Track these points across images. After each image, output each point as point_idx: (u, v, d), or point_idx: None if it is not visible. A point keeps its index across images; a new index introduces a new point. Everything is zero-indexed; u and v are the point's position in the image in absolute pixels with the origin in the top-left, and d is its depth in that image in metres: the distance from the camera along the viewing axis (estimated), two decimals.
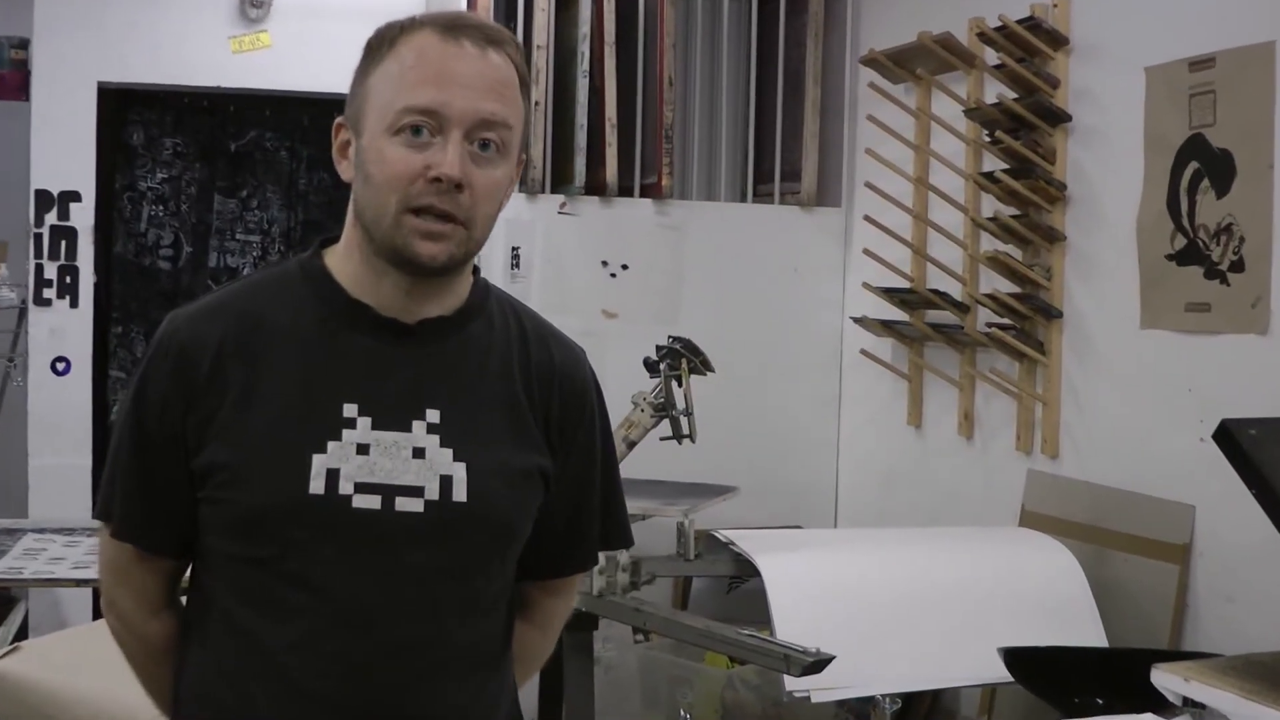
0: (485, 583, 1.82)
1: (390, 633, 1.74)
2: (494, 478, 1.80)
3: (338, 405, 1.76)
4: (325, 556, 1.73)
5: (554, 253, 4.87)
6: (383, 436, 1.76)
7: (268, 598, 1.74)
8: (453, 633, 1.79)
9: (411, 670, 1.75)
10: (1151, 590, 3.63)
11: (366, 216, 1.76)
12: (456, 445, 1.78)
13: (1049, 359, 4.12)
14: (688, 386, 3.77)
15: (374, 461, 1.74)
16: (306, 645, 1.73)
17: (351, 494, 1.73)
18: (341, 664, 1.73)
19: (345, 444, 1.74)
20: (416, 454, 1.76)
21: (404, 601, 1.75)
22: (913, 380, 4.76)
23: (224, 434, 1.74)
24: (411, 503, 1.75)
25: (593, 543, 1.99)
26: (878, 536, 4.10)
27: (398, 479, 1.75)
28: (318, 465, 1.72)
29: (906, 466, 4.81)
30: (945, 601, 3.48)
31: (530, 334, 1.90)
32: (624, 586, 3.40)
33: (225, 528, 1.75)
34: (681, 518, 3.75)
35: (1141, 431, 3.80)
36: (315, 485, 1.72)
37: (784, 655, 2.96)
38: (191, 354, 1.76)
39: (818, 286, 5.14)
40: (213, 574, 1.79)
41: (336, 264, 1.83)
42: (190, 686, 1.81)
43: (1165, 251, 3.71)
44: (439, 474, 1.76)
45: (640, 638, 4.50)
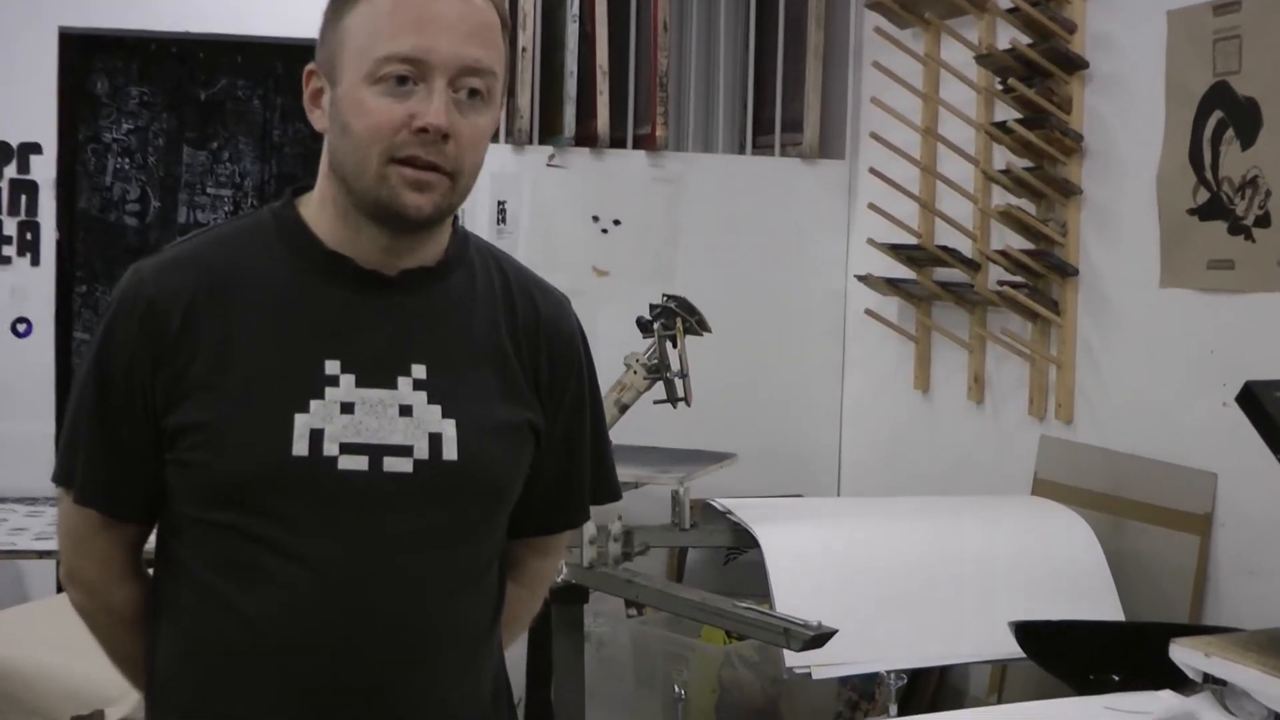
0: (476, 547, 1.83)
1: (378, 603, 1.74)
2: (485, 434, 1.80)
3: (319, 361, 1.75)
4: (309, 523, 1.72)
5: (542, 207, 4.86)
6: (367, 394, 1.76)
7: (246, 567, 1.73)
8: (444, 601, 1.79)
9: (401, 642, 1.75)
10: (1170, 562, 3.64)
11: (346, 169, 1.75)
12: (445, 401, 1.78)
13: (1064, 319, 4.11)
14: (683, 347, 3.76)
15: (359, 420, 1.74)
16: (289, 617, 1.72)
17: (337, 455, 1.73)
18: (327, 636, 1.73)
19: (328, 402, 1.74)
20: (403, 411, 1.76)
21: (393, 569, 1.75)
22: (920, 342, 4.76)
23: (197, 393, 1.73)
24: (400, 463, 1.75)
25: (584, 498, 2.01)
26: (883, 506, 4.09)
27: (385, 438, 1.75)
28: (300, 425, 1.72)
29: (913, 432, 4.81)
30: (953, 574, 3.48)
31: (514, 283, 1.91)
32: (616, 558, 3.40)
33: (199, 492, 1.74)
34: (676, 486, 3.75)
35: (1161, 395, 3.80)
36: (299, 446, 1.72)
37: (784, 629, 2.96)
38: (160, 307, 1.75)
39: (820, 243, 5.14)
40: (184, 542, 1.78)
41: (311, 214, 1.82)
42: (164, 661, 1.81)
43: (1187, 206, 3.70)
44: (428, 432, 1.76)
45: (633, 612, 4.50)
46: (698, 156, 5.16)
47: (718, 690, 4.09)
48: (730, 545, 3.75)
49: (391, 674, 1.75)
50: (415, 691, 1.77)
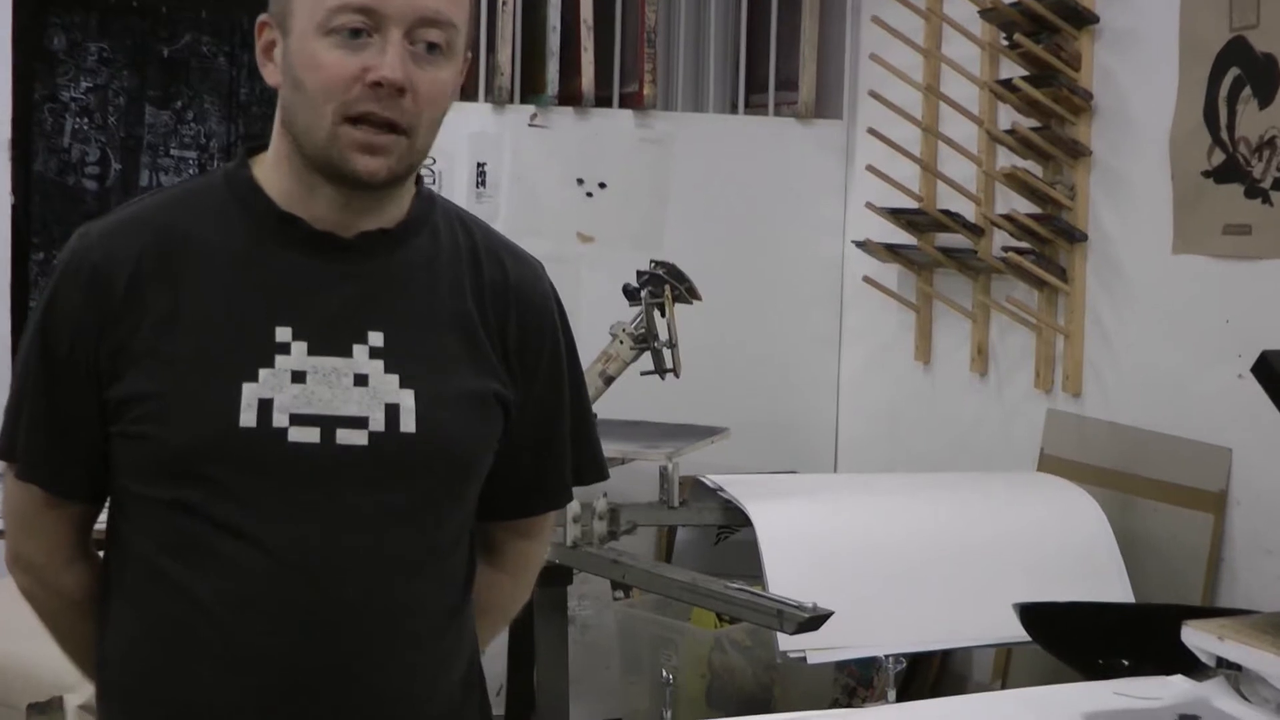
0: (439, 525, 1.82)
1: (333, 584, 1.73)
2: (446, 406, 1.79)
3: (269, 329, 1.74)
4: (258, 499, 1.71)
5: (524, 170, 4.84)
6: (320, 363, 1.75)
7: (196, 548, 1.72)
8: (405, 582, 1.78)
9: (358, 625, 1.75)
10: (1183, 541, 3.64)
11: (297, 126, 1.74)
12: (403, 371, 1.77)
13: (1072, 287, 4.11)
14: (671, 316, 3.76)
15: (311, 390, 1.73)
16: (242, 601, 1.72)
17: (286, 426, 1.72)
18: (281, 620, 1.72)
19: (278, 371, 1.73)
20: (358, 381, 1.75)
21: (349, 548, 1.74)
22: (921, 311, 4.76)
23: (142, 362, 1.73)
24: (354, 435, 1.74)
25: (565, 477, 1.99)
26: (881, 483, 4.10)
27: (338, 409, 1.74)
28: (248, 395, 1.71)
29: (913, 406, 4.81)
30: (956, 554, 3.48)
31: (481, 247, 1.89)
32: (601, 536, 3.39)
33: (145, 467, 1.74)
34: (665, 462, 3.75)
35: (1173, 367, 3.80)
36: (246, 417, 1.71)
37: (777, 611, 2.96)
38: (105, 273, 1.74)
39: (816, 207, 5.13)
40: (132, 522, 1.77)
41: (265, 174, 1.81)
42: (115, 647, 1.80)
43: (1201, 168, 3.70)
44: (384, 403, 1.75)
45: (619, 594, 4.50)
46: (687, 116, 5.14)
47: (708, 676, 4.09)
48: (721, 524, 3.75)
49: (349, 659, 1.75)
50: (375, 676, 1.76)
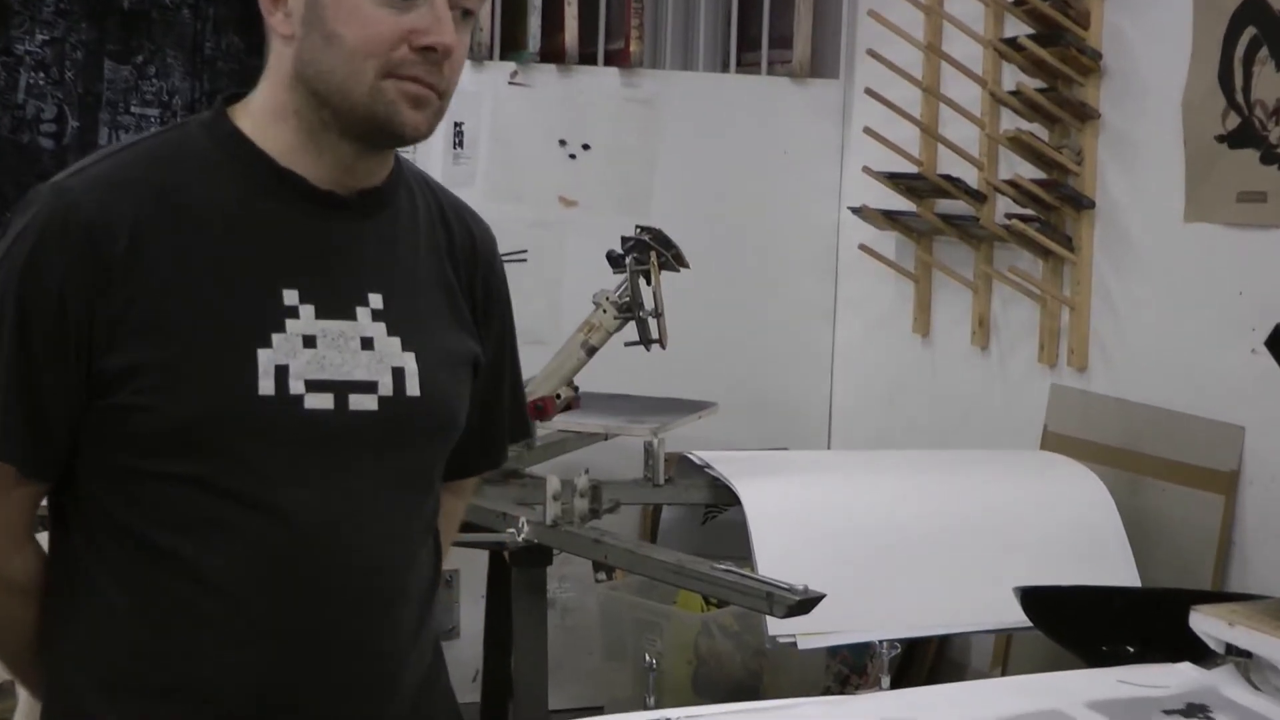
0: (429, 489, 1.88)
1: (349, 552, 1.77)
2: (440, 368, 1.84)
3: (276, 291, 1.76)
4: (276, 469, 1.73)
5: (503, 130, 4.83)
6: (329, 326, 1.77)
7: (206, 522, 1.73)
8: (407, 547, 1.84)
9: (372, 592, 1.79)
10: (1192, 523, 3.65)
11: (329, 81, 1.75)
12: (403, 333, 1.82)
13: (1078, 256, 4.11)
14: (657, 284, 3.76)
15: (322, 355, 1.76)
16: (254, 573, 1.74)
17: (303, 394, 1.74)
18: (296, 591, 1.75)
19: (290, 336, 1.75)
20: (365, 345, 1.79)
21: (362, 515, 1.78)
22: (920, 281, 4.76)
23: (144, 329, 1.72)
24: (365, 400, 1.78)
25: (504, 437, 2.08)
26: (877, 461, 4.11)
27: (349, 374, 1.77)
28: (265, 361, 1.73)
29: (911, 381, 4.82)
30: (954, 535, 3.49)
31: (447, 207, 1.95)
32: (582, 515, 3.39)
33: (148, 441, 1.73)
34: (650, 437, 3.76)
35: (1184, 340, 3.80)
36: (265, 385, 1.73)
37: (766, 594, 2.96)
38: (101, 233, 1.72)
39: (811, 171, 5.13)
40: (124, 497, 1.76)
41: (254, 127, 1.81)
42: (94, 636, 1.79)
43: (1215, 132, 3.70)
44: (390, 366, 1.80)
45: (601, 576, 4.51)
46: (676, 75, 5.13)
47: (694, 662, 4.10)
48: (709, 503, 3.76)
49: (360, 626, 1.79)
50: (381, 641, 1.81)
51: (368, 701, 1.81)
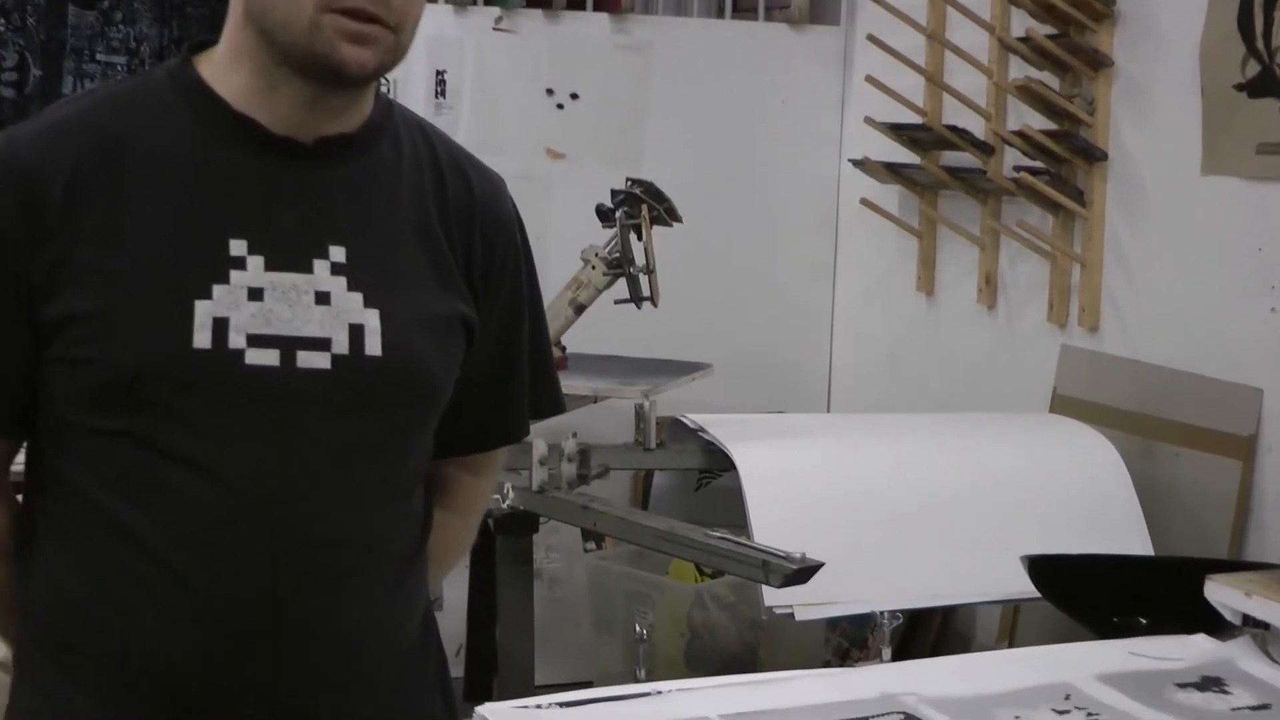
0: (404, 457, 1.84)
1: (294, 519, 1.74)
2: (413, 328, 1.80)
3: (222, 241, 1.74)
4: (214, 427, 1.72)
5: (488, 79, 4.82)
6: (279, 279, 1.75)
7: (142, 481, 1.73)
8: (368, 519, 1.80)
9: (319, 564, 1.76)
10: (1208, 490, 3.66)
11: (272, 17, 1.73)
12: (367, 289, 1.78)
13: (1090, 211, 4.11)
14: (649, 239, 3.76)
15: (269, 309, 1.74)
16: (192, 538, 1.72)
17: (244, 348, 1.72)
18: (235, 559, 1.73)
19: (234, 288, 1.73)
20: (320, 299, 1.76)
21: (310, 480, 1.75)
22: (924, 237, 4.75)
23: (83, 278, 1.72)
24: (316, 358, 1.75)
25: (522, 409, 2.03)
26: (878, 424, 4.11)
27: (299, 330, 1.74)
28: (202, 314, 1.71)
29: (914, 341, 4.83)
30: (959, 502, 3.49)
31: (443, 159, 1.90)
32: (570, 480, 3.39)
33: (86, 394, 1.73)
34: (641, 399, 3.75)
35: (1200, 299, 3.80)
36: (200, 338, 1.71)
37: (762, 562, 2.96)
38: (39, 181, 1.73)
39: (810, 122, 5.13)
40: (69, 455, 1.77)
41: (214, 73, 1.80)
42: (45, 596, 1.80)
43: (1234, 80, 3.69)
44: (348, 323, 1.76)
45: (590, 545, 4.51)
46: (669, 20, 5.13)
47: (687, 635, 4.11)
48: (702, 468, 3.75)
49: (307, 601, 1.76)
50: (335, 619, 1.78)
51: (329, 684, 1.79)
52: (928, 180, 4.63)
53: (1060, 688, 2.21)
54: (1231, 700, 2.22)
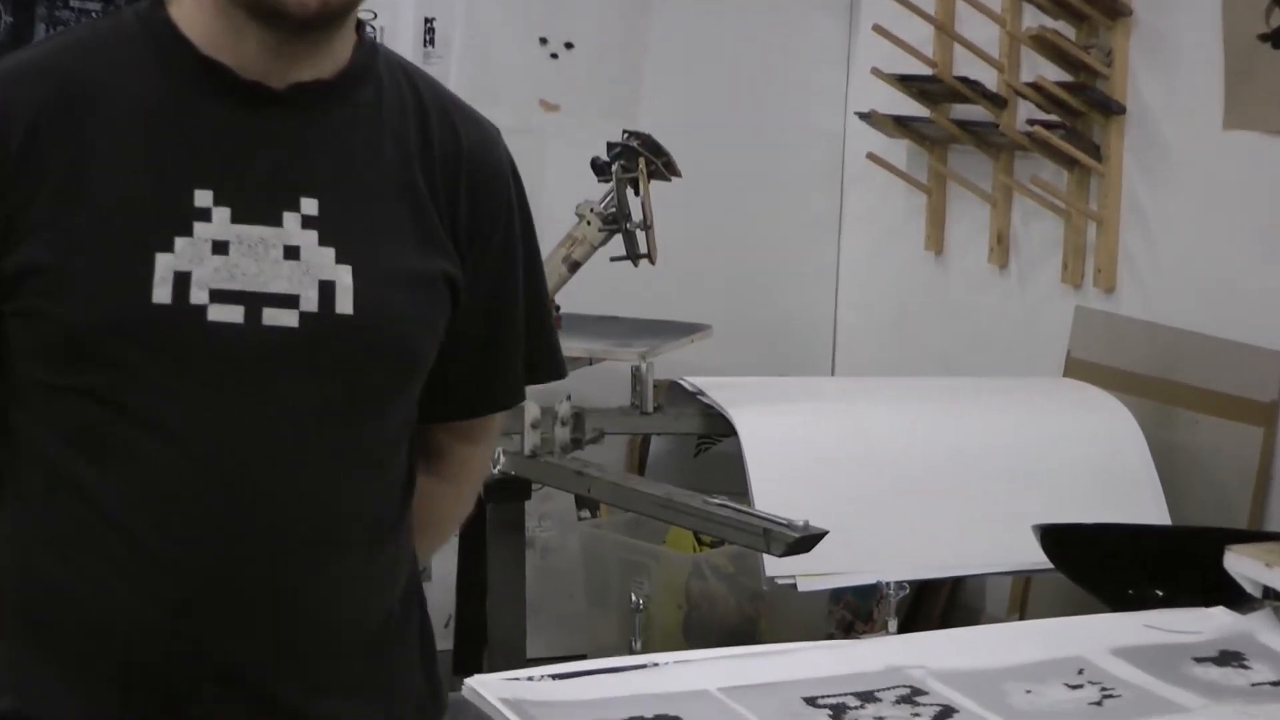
0: (380, 422, 1.81)
1: (258, 487, 1.73)
2: (389, 285, 1.78)
3: (187, 192, 1.72)
4: (173, 386, 1.70)
5: (479, 27, 4.81)
6: (245, 231, 1.72)
7: (101, 441, 1.71)
8: (340, 487, 1.78)
9: (287, 534, 1.74)
10: (1228, 457, 3.66)
11: None
12: (340, 244, 1.76)
13: (1106, 167, 4.11)
14: (646, 194, 3.75)
15: (234, 263, 1.71)
16: (152, 503, 1.71)
17: (206, 304, 1.70)
18: (196, 528, 1.71)
19: (197, 240, 1.71)
20: (288, 254, 1.74)
21: (276, 446, 1.73)
22: (933, 193, 4.75)
23: (42, 230, 1.70)
24: (283, 315, 1.72)
25: (516, 375, 1.99)
26: (885, 388, 4.11)
27: (265, 285, 1.72)
28: (163, 267, 1.69)
29: (923, 302, 4.83)
30: (968, 469, 3.50)
31: (430, 106, 1.87)
32: (563, 445, 3.39)
33: (44, 349, 1.72)
34: (638, 361, 3.75)
35: (1221, 259, 3.81)
36: (160, 293, 1.69)
37: (763, 530, 2.96)
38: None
39: (815, 73, 5.12)
40: (29, 412, 1.76)
41: (185, 15, 1.78)
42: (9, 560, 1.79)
43: (1258, 30, 3.68)
44: (317, 279, 1.74)
45: (584, 513, 4.51)
46: None
47: (685, 606, 4.11)
48: (701, 433, 3.76)
49: (275, 573, 1.74)
50: (305, 592, 1.76)
51: (295, 658, 1.77)
52: (937, 134, 4.63)
53: (1073, 661, 2.21)
54: (1251, 675, 2.22)
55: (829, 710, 1.97)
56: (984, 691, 2.07)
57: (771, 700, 1.99)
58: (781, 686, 2.04)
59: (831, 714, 1.96)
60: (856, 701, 2.00)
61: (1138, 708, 2.06)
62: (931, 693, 2.05)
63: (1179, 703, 2.09)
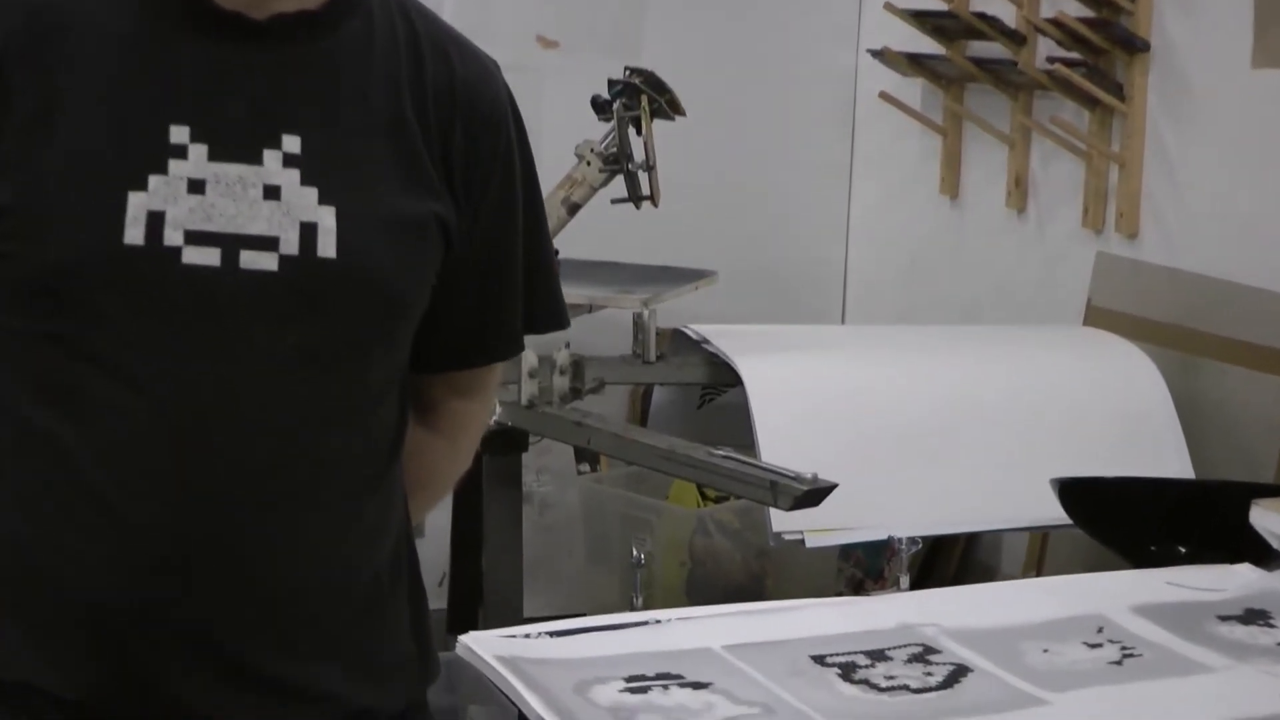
0: (364, 371, 1.81)
1: (235, 439, 1.72)
2: (375, 228, 1.77)
3: (162, 127, 1.71)
4: (145, 333, 1.70)
5: None
6: (223, 170, 1.72)
7: (71, 391, 1.71)
8: (321, 440, 1.78)
9: (265, 489, 1.75)
10: (1255, 409, 3.67)
11: None
12: (323, 184, 1.75)
13: (1130, 107, 4.10)
14: (649, 134, 3.75)
15: (211, 203, 1.71)
16: (123, 456, 1.71)
17: (180, 246, 1.69)
18: (170, 482, 1.71)
19: (172, 179, 1.70)
20: (268, 194, 1.73)
21: (254, 396, 1.73)
22: (949, 135, 4.75)
23: (9, 168, 1.70)
24: (262, 259, 1.72)
25: (513, 325, 1.99)
26: (897, 337, 4.13)
27: (243, 227, 1.72)
28: (135, 206, 1.69)
29: (938, 248, 4.84)
30: (984, 421, 3.50)
31: (424, 39, 1.86)
32: (563, 394, 3.39)
33: (13, 294, 1.72)
34: (640, 309, 3.75)
35: (1249, 203, 3.81)
36: (132, 233, 1.68)
37: (770, 483, 2.96)
38: None
39: (825, 8, 5.11)
40: None
41: None
42: None
43: None
44: (299, 221, 1.73)
45: (584, 467, 4.51)
46: None
47: (688, 564, 4.12)
48: (706, 383, 3.76)
49: (252, 530, 1.75)
50: (284, 552, 1.77)
51: (270, 619, 1.77)
52: (953, 73, 4.62)
53: (1092, 619, 2.20)
54: (1277, 634, 2.21)
55: (838, 668, 1.97)
56: (999, 650, 2.06)
57: (778, 658, 1.99)
58: (788, 644, 2.04)
59: (840, 672, 1.96)
60: (866, 660, 2.00)
61: (1159, 667, 2.05)
62: (944, 651, 2.05)
63: (1202, 662, 2.08)
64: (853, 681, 1.93)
